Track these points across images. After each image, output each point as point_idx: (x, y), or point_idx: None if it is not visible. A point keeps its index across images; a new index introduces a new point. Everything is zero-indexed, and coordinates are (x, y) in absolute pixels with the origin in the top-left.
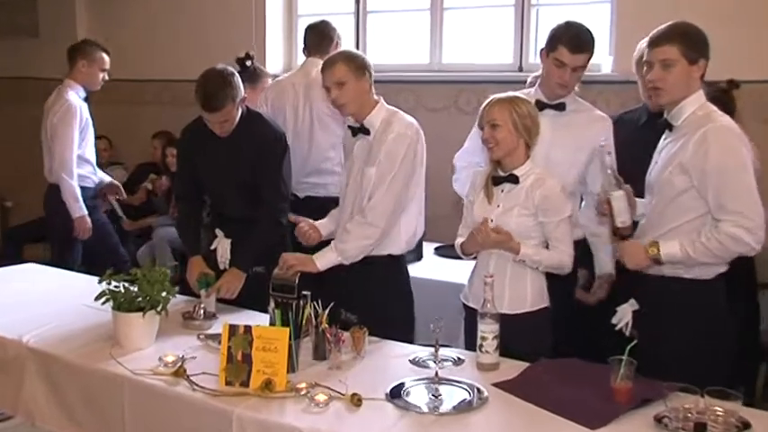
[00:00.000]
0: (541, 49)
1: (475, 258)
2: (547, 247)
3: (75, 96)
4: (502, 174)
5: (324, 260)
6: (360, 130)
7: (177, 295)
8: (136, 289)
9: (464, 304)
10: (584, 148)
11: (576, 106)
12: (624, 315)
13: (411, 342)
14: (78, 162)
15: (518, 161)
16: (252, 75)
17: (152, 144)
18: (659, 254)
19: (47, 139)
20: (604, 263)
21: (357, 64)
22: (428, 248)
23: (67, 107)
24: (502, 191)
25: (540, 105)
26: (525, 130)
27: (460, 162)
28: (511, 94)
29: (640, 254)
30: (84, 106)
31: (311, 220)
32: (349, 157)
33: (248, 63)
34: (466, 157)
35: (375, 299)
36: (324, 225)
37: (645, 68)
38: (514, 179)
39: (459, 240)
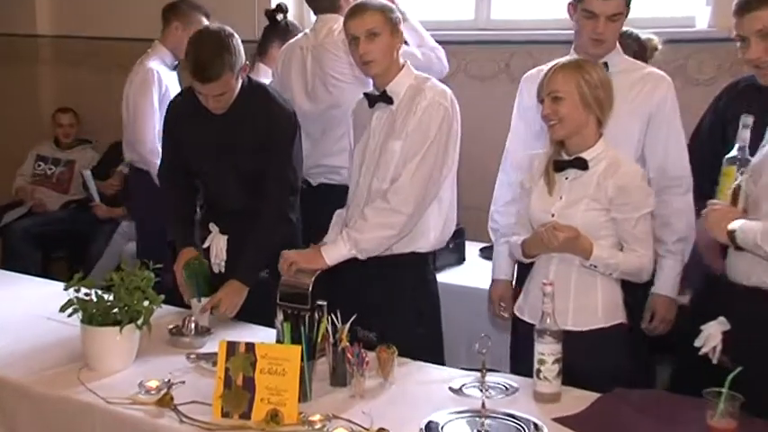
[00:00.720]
0: (568, 3)
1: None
2: (621, 250)
3: (157, 63)
4: (566, 157)
5: (333, 253)
6: (380, 99)
7: (163, 305)
8: (111, 297)
9: (517, 318)
10: (637, 116)
11: (624, 65)
12: (711, 336)
13: (441, 364)
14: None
15: (587, 142)
16: (284, 31)
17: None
18: (737, 229)
19: (127, 113)
20: (664, 281)
21: (393, 16)
22: (472, 249)
23: (144, 74)
24: (566, 179)
25: None
26: (596, 104)
27: (502, 189)
28: (578, 58)
29: (723, 221)
30: (171, 75)
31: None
32: (363, 132)
33: (279, 17)
34: (510, 175)
35: (394, 308)
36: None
37: (738, 44)
38: (582, 164)
39: (515, 239)
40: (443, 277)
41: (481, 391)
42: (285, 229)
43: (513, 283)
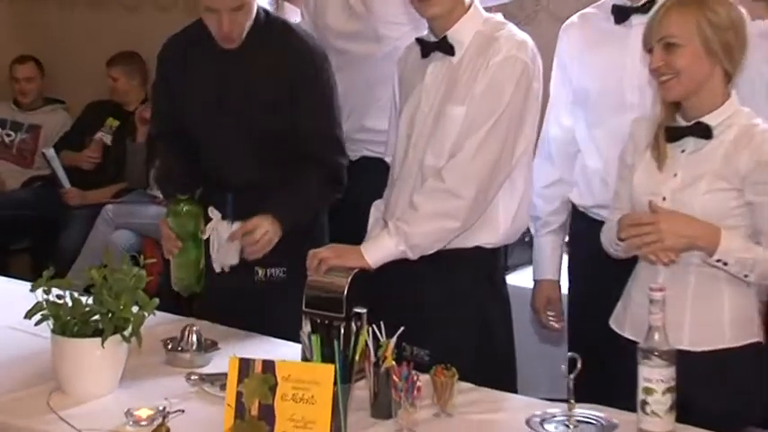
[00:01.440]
0: None
1: (634, 259)
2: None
3: None
4: (683, 123)
5: (377, 251)
6: (437, 47)
7: (157, 312)
8: (90, 301)
9: (614, 334)
10: None
11: None
12: None
13: (513, 391)
14: None
15: (711, 102)
16: None
17: (109, 73)
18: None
19: None
20: None
21: None
22: None
23: None
24: (682, 151)
25: (622, 13)
26: (724, 51)
27: (539, 166)
28: None
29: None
30: None
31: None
32: (412, 92)
33: None
34: (552, 150)
35: (453, 318)
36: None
37: None
38: (704, 132)
39: (610, 226)
40: (516, 279)
41: (568, 427)
42: (333, 191)
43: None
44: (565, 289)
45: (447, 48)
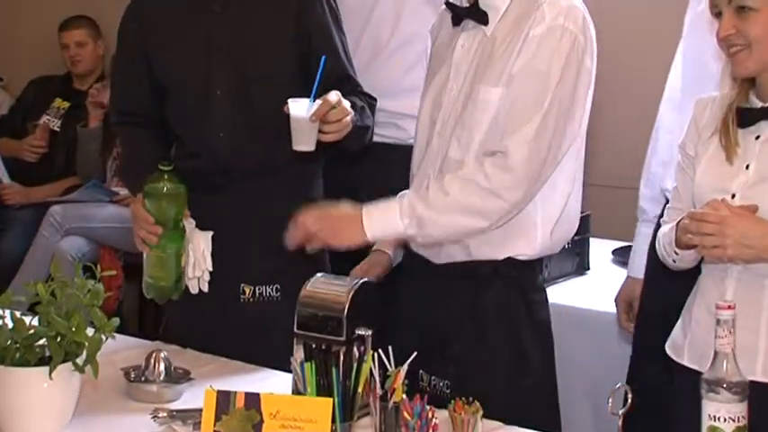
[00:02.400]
0: None
1: (697, 270)
2: None
3: None
4: (758, 104)
5: (380, 222)
6: (468, 14)
7: (117, 335)
8: (36, 322)
9: (670, 360)
10: None
11: None
12: None
13: (554, 430)
14: None
15: None
16: None
17: (60, 40)
18: None
19: None
20: None
21: None
22: (599, 250)
23: None
24: (757, 137)
25: None
26: None
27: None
28: None
29: None
30: None
31: None
32: (441, 66)
33: None
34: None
35: (479, 342)
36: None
37: None
38: None
39: (665, 231)
40: (556, 294)
41: None
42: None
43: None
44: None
45: (480, 15)
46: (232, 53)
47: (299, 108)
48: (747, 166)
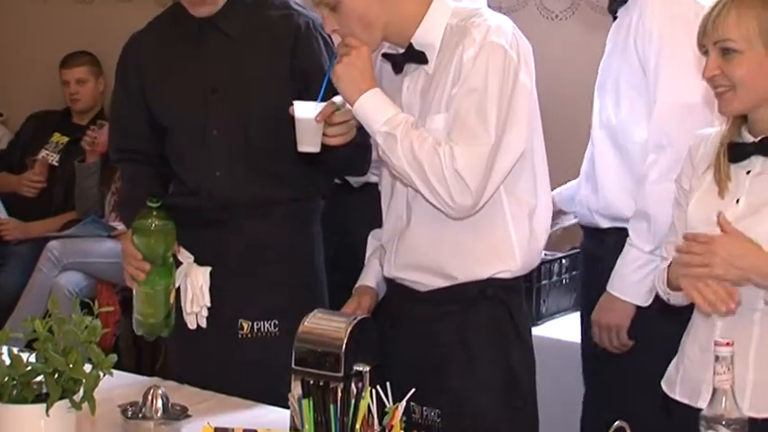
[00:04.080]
0: None
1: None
2: None
3: None
4: (749, 139)
5: (376, 101)
6: (408, 59)
7: (115, 371)
8: (33, 359)
9: (667, 398)
10: None
11: None
12: None
13: None
14: None
15: None
16: None
17: (61, 76)
18: None
19: None
20: None
21: None
22: None
23: None
24: (748, 172)
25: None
26: None
27: None
28: None
29: None
30: None
31: None
32: None
33: None
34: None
35: (468, 367)
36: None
37: None
38: None
39: (661, 267)
40: (554, 330)
41: None
42: (365, 155)
43: None
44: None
45: (418, 56)
46: (228, 92)
47: (305, 109)
48: (738, 200)
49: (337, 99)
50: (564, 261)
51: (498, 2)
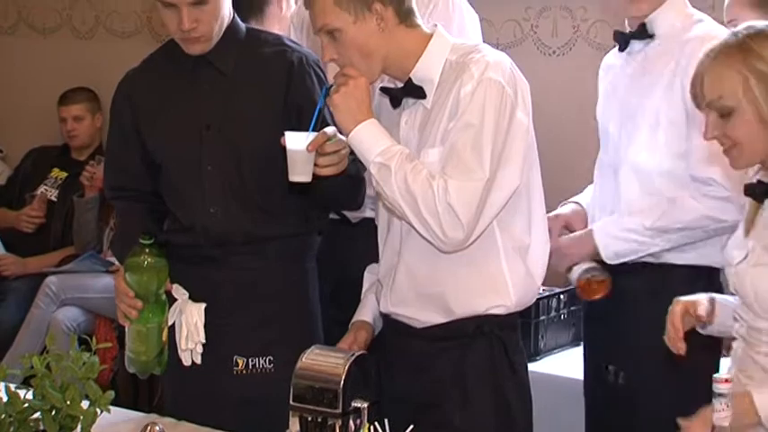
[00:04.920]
0: None
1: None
2: None
3: None
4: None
5: (372, 132)
6: (406, 93)
7: (113, 407)
8: (30, 395)
9: None
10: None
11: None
12: None
13: None
14: None
15: None
16: None
17: (59, 114)
18: None
19: None
20: None
21: None
22: None
23: None
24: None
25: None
26: None
27: None
28: (738, 31)
29: None
30: None
31: None
32: None
33: None
34: None
35: (464, 404)
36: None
37: None
38: None
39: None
40: (552, 365)
41: None
42: (359, 189)
43: None
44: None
45: (416, 91)
46: (223, 128)
47: (296, 139)
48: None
49: (329, 129)
50: (562, 296)
51: (496, 38)
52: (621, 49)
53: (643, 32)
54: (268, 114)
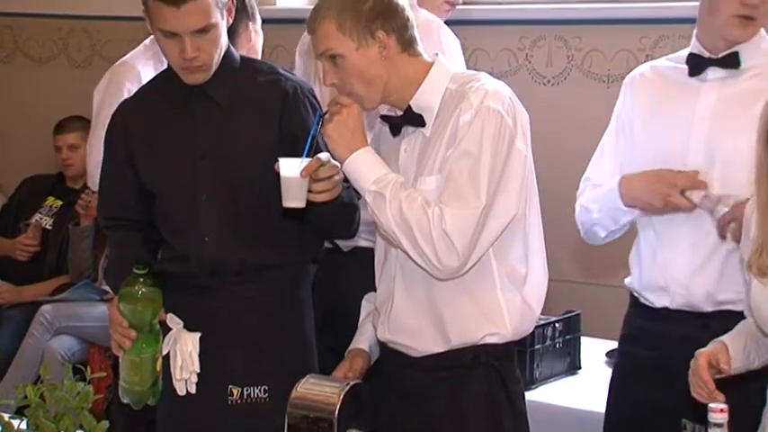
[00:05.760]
0: None
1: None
2: None
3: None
4: None
5: (367, 161)
6: (406, 121)
7: None
8: (24, 425)
9: None
10: None
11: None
12: None
13: None
14: None
15: None
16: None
17: (54, 142)
18: None
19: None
20: None
21: (357, 11)
22: (591, 349)
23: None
24: None
25: (697, 64)
26: None
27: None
28: None
29: None
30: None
31: None
32: None
33: None
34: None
35: None
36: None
37: None
38: None
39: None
40: (548, 394)
41: None
42: (352, 214)
43: None
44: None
45: (416, 119)
46: (217, 159)
47: (290, 165)
48: None
49: (323, 155)
50: (557, 325)
51: (490, 67)
52: (693, 74)
53: (730, 61)
54: (263, 143)
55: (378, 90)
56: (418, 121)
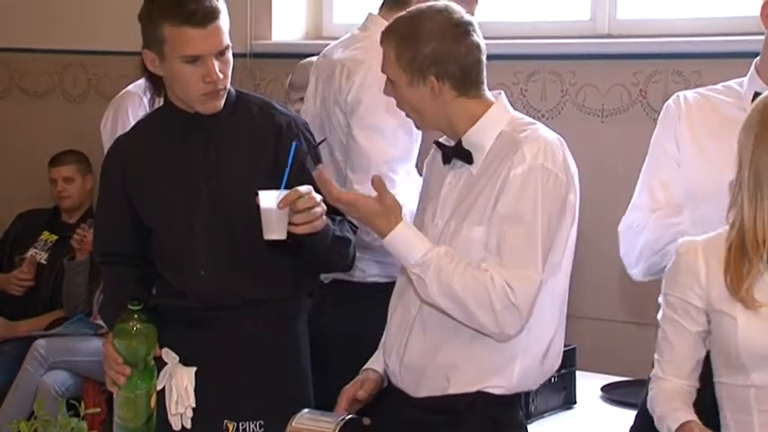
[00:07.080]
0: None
1: None
2: None
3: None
4: None
5: (405, 237)
6: (455, 154)
7: None
8: None
9: None
10: None
11: None
12: None
13: None
14: None
15: None
16: None
17: (49, 175)
18: None
19: None
20: None
21: (416, 50)
22: (586, 384)
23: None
24: None
25: None
26: None
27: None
28: None
29: None
30: None
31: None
32: (430, 201)
33: None
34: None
35: None
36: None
37: None
38: None
39: (656, 389)
40: (543, 429)
41: None
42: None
43: None
44: None
45: (464, 154)
46: (212, 193)
47: (268, 197)
48: None
49: (302, 188)
50: None
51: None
52: None
53: None
54: (257, 178)
55: (427, 120)
56: (467, 157)
